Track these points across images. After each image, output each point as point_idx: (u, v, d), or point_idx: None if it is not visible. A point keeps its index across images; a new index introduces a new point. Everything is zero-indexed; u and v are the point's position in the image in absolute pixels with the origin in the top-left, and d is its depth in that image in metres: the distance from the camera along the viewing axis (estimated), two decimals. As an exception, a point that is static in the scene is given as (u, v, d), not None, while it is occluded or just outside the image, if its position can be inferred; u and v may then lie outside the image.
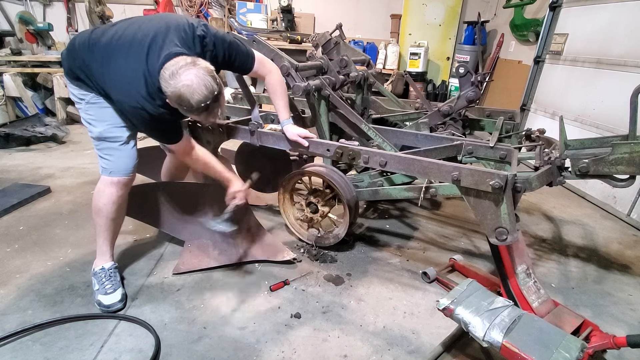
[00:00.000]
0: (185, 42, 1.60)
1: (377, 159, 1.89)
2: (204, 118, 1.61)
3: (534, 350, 1.22)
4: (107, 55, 1.58)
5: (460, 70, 2.35)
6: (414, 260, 2.28)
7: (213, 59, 1.69)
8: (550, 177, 1.86)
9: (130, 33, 1.59)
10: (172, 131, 1.74)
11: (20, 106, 4.54)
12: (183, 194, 2.18)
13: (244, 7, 5.77)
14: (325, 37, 2.84)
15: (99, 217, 1.81)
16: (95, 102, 1.70)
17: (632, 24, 3.16)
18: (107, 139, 1.73)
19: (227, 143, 2.52)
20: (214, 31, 1.72)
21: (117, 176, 1.76)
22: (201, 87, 1.45)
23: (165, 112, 1.60)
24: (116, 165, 1.76)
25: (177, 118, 1.69)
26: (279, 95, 2.04)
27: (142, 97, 1.55)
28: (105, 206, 1.78)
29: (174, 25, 1.61)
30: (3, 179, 3.05)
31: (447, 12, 6.24)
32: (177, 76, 1.44)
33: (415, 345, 1.66)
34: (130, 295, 1.86)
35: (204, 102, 1.48)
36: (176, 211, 2.19)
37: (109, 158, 1.75)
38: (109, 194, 1.77)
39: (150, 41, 1.55)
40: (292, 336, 1.67)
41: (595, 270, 2.29)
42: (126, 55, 1.56)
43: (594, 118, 3.42)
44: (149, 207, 2.15)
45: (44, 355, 1.51)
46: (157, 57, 1.52)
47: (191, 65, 1.46)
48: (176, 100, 1.48)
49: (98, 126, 1.72)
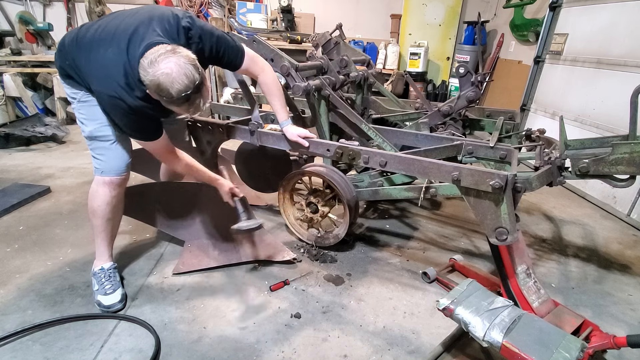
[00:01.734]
0: (169, 33, 1.54)
1: (377, 159, 1.89)
2: (185, 110, 1.52)
3: (534, 350, 1.22)
4: (90, 47, 1.55)
5: (460, 70, 2.35)
6: (414, 260, 2.28)
7: (199, 52, 1.62)
8: (551, 177, 1.86)
9: (114, 25, 1.55)
10: (151, 128, 1.67)
11: (20, 106, 4.54)
12: (182, 193, 2.18)
13: (244, 7, 5.76)
14: (325, 37, 2.84)
15: (94, 218, 1.80)
16: (86, 101, 1.68)
17: (632, 24, 3.16)
18: (97, 137, 1.71)
19: (227, 143, 2.52)
20: (200, 23, 1.66)
21: (109, 176, 1.74)
22: (181, 75, 1.38)
23: (145, 106, 1.54)
24: (108, 165, 1.74)
25: (156, 114, 1.62)
26: (275, 95, 2.01)
27: (120, 86, 1.49)
28: (100, 207, 1.76)
29: (158, 16, 1.56)
30: (3, 179, 3.05)
31: (447, 12, 6.24)
32: (156, 64, 1.38)
33: (415, 345, 1.65)
34: (130, 295, 1.86)
35: (184, 92, 1.40)
36: (176, 211, 2.19)
37: (101, 158, 1.73)
38: (102, 195, 1.75)
39: (132, 32, 1.50)
40: (292, 336, 1.67)
41: (595, 270, 2.29)
42: (107, 46, 1.51)
43: (594, 118, 3.42)
44: (149, 207, 2.15)
45: (44, 355, 1.51)
46: (138, 47, 1.47)
47: (171, 53, 1.40)
48: (155, 89, 1.41)
49: (89, 125, 1.70)
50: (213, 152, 2.42)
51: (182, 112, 1.58)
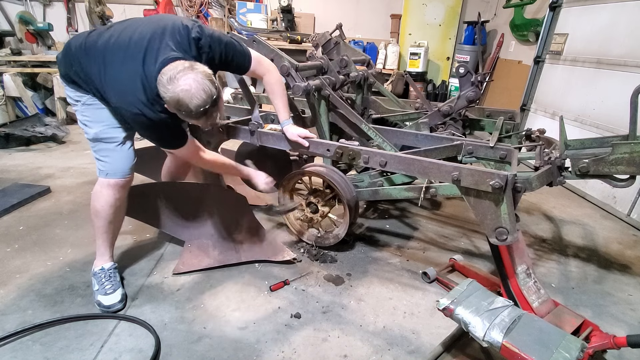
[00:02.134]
0: (181, 45, 1.58)
1: (377, 159, 1.89)
2: (203, 123, 1.60)
3: (533, 350, 1.22)
4: (103, 58, 1.57)
5: (460, 70, 2.35)
6: (414, 260, 2.28)
7: (210, 60, 1.68)
8: (550, 177, 1.86)
9: (127, 36, 1.58)
10: (176, 136, 1.73)
11: (20, 106, 4.54)
12: (184, 194, 2.18)
13: (244, 7, 5.77)
14: (325, 37, 2.84)
15: (97, 219, 1.80)
16: (91, 104, 1.70)
17: (632, 24, 3.16)
18: (103, 140, 1.72)
19: (227, 143, 2.52)
20: (209, 32, 1.70)
21: (114, 178, 1.75)
22: (200, 91, 1.45)
23: (166, 117, 1.59)
24: (113, 167, 1.74)
25: (177, 122, 1.68)
26: (278, 95, 2.03)
27: (141, 102, 1.54)
28: (103, 208, 1.77)
29: (170, 28, 1.59)
30: (3, 179, 3.05)
31: (447, 12, 6.24)
32: (175, 81, 1.43)
33: (415, 345, 1.66)
34: (130, 296, 1.86)
35: (202, 107, 1.47)
36: (176, 211, 2.19)
37: (106, 160, 1.74)
38: (106, 196, 1.76)
39: (147, 45, 1.54)
40: (292, 336, 1.67)
41: (595, 270, 2.29)
42: (123, 60, 1.55)
43: (594, 118, 3.42)
44: (150, 207, 2.15)
45: (44, 355, 1.51)
46: (154, 62, 1.51)
47: (189, 70, 1.45)
48: (174, 105, 1.47)
49: (94, 127, 1.71)
50: (213, 152, 2.42)
51: (199, 124, 1.66)
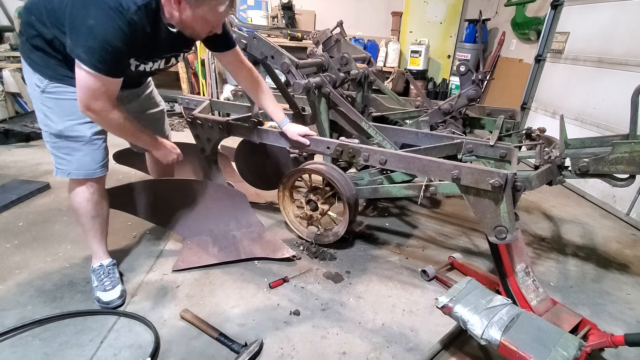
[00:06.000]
0: None
1: (377, 157, 1.89)
2: (224, 12, 1.41)
3: (531, 349, 1.23)
4: None
5: (461, 69, 2.34)
6: (413, 258, 2.28)
7: None
8: (550, 176, 1.86)
9: None
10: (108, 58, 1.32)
11: (19, 102, 4.53)
12: (183, 191, 2.18)
13: (244, 3, 5.75)
14: (326, 34, 2.84)
15: (79, 217, 1.75)
16: (53, 92, 1.51)
17: (633, 23, 3.15)
18: (69, 137, 1.57)
19: (227, 141, 2.52)
20: None
21: (77, 178, 1.63)
22: None
23: (143, 27, 1.34)
24: (76, 166, 1.61)
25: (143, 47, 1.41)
26: (267, 94, 1.98)
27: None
28: (81, 205, 1.70)
29: None
30: (2, 175, 3.05)
31: (448, 10, 6.23)
32: None
33: (414, 342, 1.66)
34: (129, 292, 1.86)
35: None
36: (176, 208, 2.19)
37: (67, 157, 1.60)
38: (80, 193, 1.68)
39: None
40: (291, 333, 1.67)
41: (594, 269, 2.29)
42: None
43: (594, 117, 3.42)
44: (149, 204, 2.15)
45: (43, 350, 1.52)
46: None
47: None
48: None
49: (58, 122, 1.54)
50: (213, 150, 2.42)
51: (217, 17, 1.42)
